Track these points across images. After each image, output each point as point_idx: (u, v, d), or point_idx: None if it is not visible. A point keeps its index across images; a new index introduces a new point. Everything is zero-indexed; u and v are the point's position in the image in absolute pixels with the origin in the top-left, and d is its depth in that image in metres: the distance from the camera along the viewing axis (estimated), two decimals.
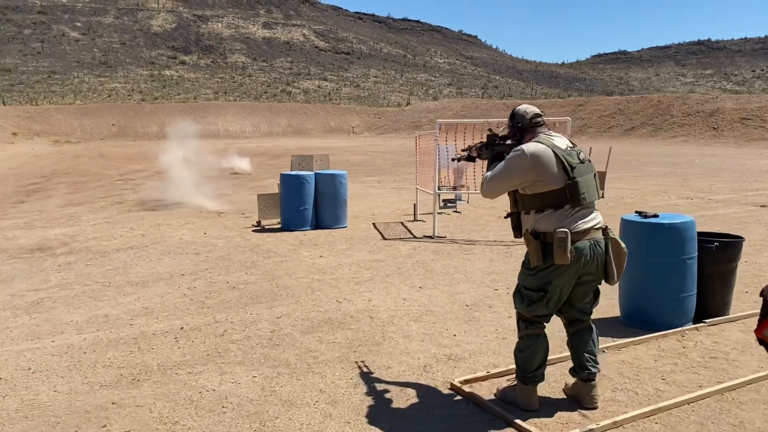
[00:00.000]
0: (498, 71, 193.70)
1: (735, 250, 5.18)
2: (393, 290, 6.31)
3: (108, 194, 16.01)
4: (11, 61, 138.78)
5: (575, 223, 3.39)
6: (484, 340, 4.84)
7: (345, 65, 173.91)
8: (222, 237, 9.46)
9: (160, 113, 67.98)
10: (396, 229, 10.15)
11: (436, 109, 64.38)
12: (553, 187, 3.38)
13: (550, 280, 3.44)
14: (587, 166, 3.47)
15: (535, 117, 3.62)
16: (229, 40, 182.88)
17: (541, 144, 3.43)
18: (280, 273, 7.10)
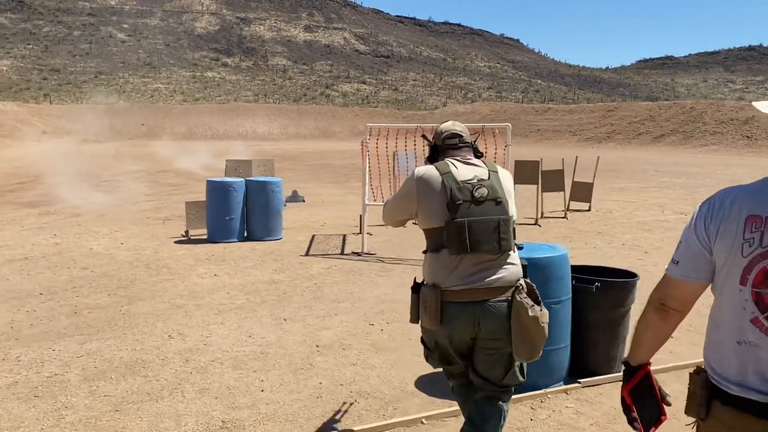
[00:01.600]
0: (540, 75, 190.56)
1: (622, 292, 4.10)
2: (249, 323, 5.38)
3: (79, 196, 15.49)
4: (60, 62, 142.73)
5: (454, 277, 2.69)
6: (291, 400, 3.88)
7: (384, 68, 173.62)
8: (133, 249, 8.69)
9: (190, 114, 68.48)
10: (331, 243, 9.22)
11: (465, 113, 63.03)
12: (434, 224, 2.74)
13: (435, 339, 2.80)
14: (487, 207, 2.71)
15: (450, 138, 2.93)
16: (270, 42, 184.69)
17: (434, 169, 2.80)
18: (146, 296, 6.25)
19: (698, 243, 1.65)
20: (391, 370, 4.35)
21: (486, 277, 2.68)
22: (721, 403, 1.61)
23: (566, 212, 12.10)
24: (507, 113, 56.76)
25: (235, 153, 27.07)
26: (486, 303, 2.66)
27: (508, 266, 2.74)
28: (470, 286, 2.66)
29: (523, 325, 2.63)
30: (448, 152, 2.90)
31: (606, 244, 9.39)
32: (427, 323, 2.72)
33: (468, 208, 2.69)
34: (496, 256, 2.71)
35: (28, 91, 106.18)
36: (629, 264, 7.91)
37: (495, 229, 2.69)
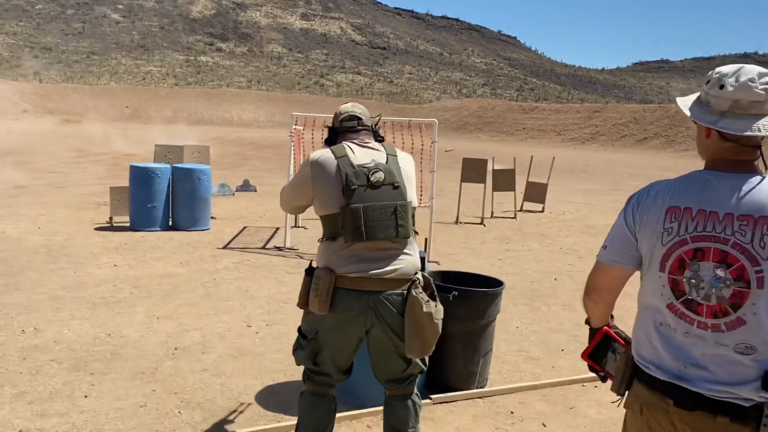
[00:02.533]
0: (535, 74, 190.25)
1: (482, 303, 3.78)
2: (118, 320, 5.04)
3: (30, 176, 15.07)
4: (52, 40, 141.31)
5: (349, 263, 2.57)
6: (110, 408, 3.54)
7: (380, 60, 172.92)
8: (47, 234, 8.32)
9: (175, 98, 67.79)
10: (259, 236, 8.88)
11: (454, 108, 62.74)
12: (328, 211, 2.64)
13: (316, 329, 2.64)
14: (384, 192, 2.61)
15: (348, 120, 2.81)
16: (266, 29, 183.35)
17: (329, 152, 2.68)
18: (27, 285, 5.89)
19: (626, 230, 1.75)
20: (240, 378, 4.03)
21: (383, 267, 2.57)
22: (637, 380, 1.73)
23: (516, 213, 11.80)
24: (495, 110, 56.50)
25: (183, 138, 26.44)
26: (381, 294, 2.56)
27: (405, 257, 2.64)
28: (366, 275, 2.55)
29: (417, 320, 2.54)
30: (346, 135, 2.78)
31: (543, 247, 9.09)
32: (317, 307, 2.56)
33: (364, 193, 2.57)
34: (394, 244, 2.61)
35: (18, 68, 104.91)
36: (557, 268, 7.64)
37: (392, 215, 2.59)
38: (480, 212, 11.24)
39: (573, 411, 3.76)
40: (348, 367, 2.79)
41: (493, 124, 53.50)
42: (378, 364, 2.75)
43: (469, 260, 7.94)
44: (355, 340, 2.67)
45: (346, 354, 2.71)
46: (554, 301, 6.26)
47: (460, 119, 57.99)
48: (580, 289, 6.11)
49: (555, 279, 7.15)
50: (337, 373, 2.74)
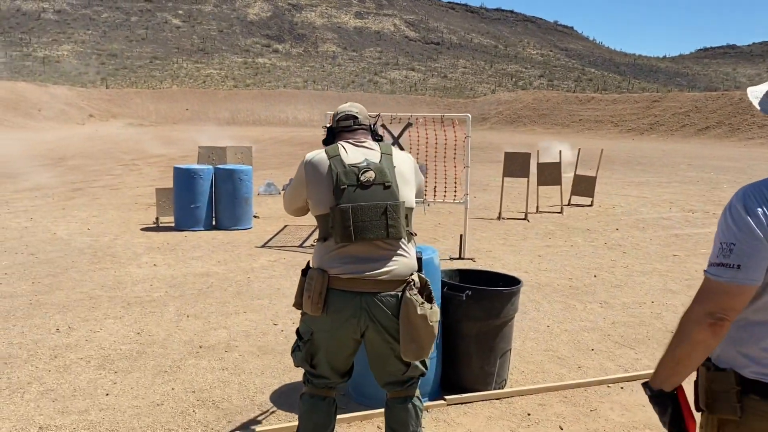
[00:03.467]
0: (593, 64, 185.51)
1: (497, 302, 3.68)
2: (148, 319, 5.16)
3: (87, 178, 15.67)
4: (118, 47, 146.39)
5: (341, 264, 2.55)
6: (129, 406, 3.61)
7: (434, 55, 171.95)
8: (95, 235, 8.61)
9: (233, 99, 69.28)
10: (298, 235, 8.95)
11: (508, 101, 61.84)
12: (321, 211, 2.63)
13: (312, 330, 2.64)
14: (374, 192, 2.56)
15: (343, 119, 2.80)
16: (321, 29, 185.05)
17: (323, 153, 2.68)
18: (68, 285, 6.10)
19: (764, 243, 1.51)
20: (259, 376, 4.06)
21: (376, 269, 2.53)
22: (760, 397, 1.54)
23: (562, 207, 11.51)
24: (550, 102, 55.40)
25: (239, 139, 27.02)
26: (375, 296, 2.52)
27: (399, 258, 2.58)
28: (358, 276, 2.52)
29: (412, 323, 2.49)
30: (342, 135, 2.77)
31: (587, 242, 8.84)
32: (310, 308, 2.55)
33: (353, 193, 2.54)
34: (387, 245, 2.56)
35: (86, 75, 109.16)
36: (598, 264, 7.42)
37: (382, 215, 2.53)
38: (524, 207, 11.02)
39: (594, 413, 3.62)
40: (346, 369, 2.75)
41: (549, 116, 52.46)
42: (376, 366, 2.71)
43: (506, 257, 7.79)
44: (350, 342, 2.62)
45: (343, 356, 2.67)
46: (591, 298, 6.07)
47: (514, 112, 57.13)
48: (620, 286, 5.93)
49: (594, 276, 6.93)
50: (335, 376, 2.71)
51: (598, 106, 51.27)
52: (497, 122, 55.68)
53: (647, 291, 6.37)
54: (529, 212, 10.98)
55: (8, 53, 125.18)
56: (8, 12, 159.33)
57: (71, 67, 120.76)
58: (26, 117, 46.74)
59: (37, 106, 50.94)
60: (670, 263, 7.64)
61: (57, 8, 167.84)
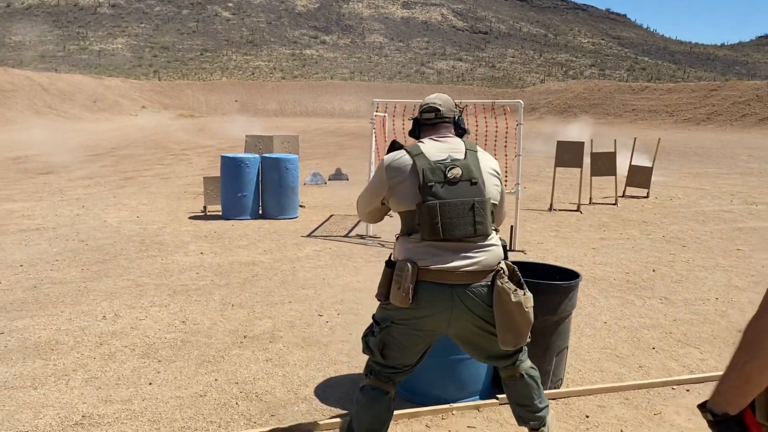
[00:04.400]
0: (647, 52, 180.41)
1: (553, 297, 3.45)
2: (193, 307, 5.11)
3: (139, 168, 15.94)
4: (169, 40, 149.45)
5: (430, 256, 2.51)
6: (171, 396, 3.54)
7: (482, 45, 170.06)
8: (144, 223, 8.67)
9: (281, 91, 69.89)
10: (344, 224, 8.84)
11: (558, 91, 60.57)
12: (405, 207, 2.59)
13: (392, 319, 2.60)
14: (461, 188, 2.54)
15: (426, 112, 2.76)
16: (368, 20, 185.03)
17: (403, 152, 2.65)
18: (116, 272, 6.12)
19: None
20: (303, 368, 3.94)
21: (464, 260, 2.50)
22: None
23: (617, 199, 11.10)
24: (602, 92, 54.03)
25: (285, 129, 27.12)
26: (467, 287, 2.48)
27: (487, 248, 2.55)
28: (447, 267, 2.48)
29: (507, 311, 2.46)
30: (425, 129, 2.77)
31: (644, 235, 8.47)
32: (399, 300, 2.49)
33: (440, 189, 2.51)
34: (473, 242, 2.52)
35: (139, 68, 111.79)
36: (656, 258, 7.07)
37: (469, 211, 2.51)
38: (577, 198, 10.66)
39: (658, 417, 3.38)
40: (414, 362, 2.68)
41: (600, 106, 51.19)
42: (474, 352, 2.72)
43: (559, 249, 7.51)
44: (431, 334, 2.60)
45: (417, 348, 2.63)
46: (650, 294, 5.76)
47: (564, 102, 55.96)
48: (680, 281, 5.60)
49: (653, 270, 6.60)
50: (402, 367, 2.66)
51: (652, 96, 49.75)
52: (546, 112, 54.62)
53: (710, 287, 6.02)
54: (582, 203, 10.62)
55: (66, 47, 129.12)
56: (66, 7, 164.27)
57: (125, 59, 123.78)
58: (82, 108, 48.07)
59: (92, 98, 52.35)
60: (734, 258, 7.24)
61: (112, 3, 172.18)
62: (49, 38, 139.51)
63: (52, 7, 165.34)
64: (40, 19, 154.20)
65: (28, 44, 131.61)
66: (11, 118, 35.53)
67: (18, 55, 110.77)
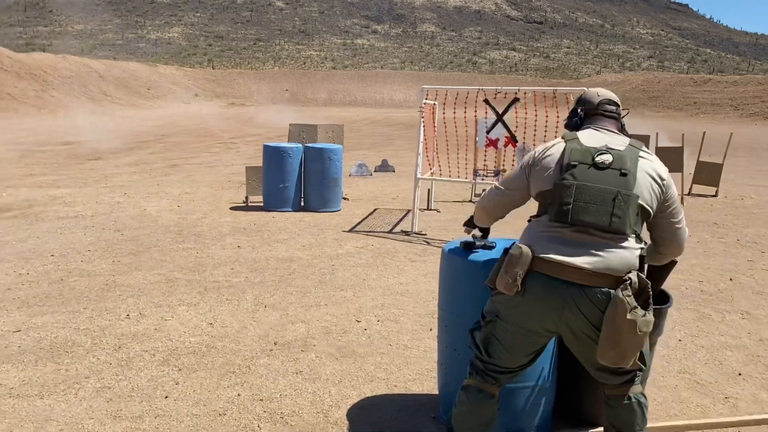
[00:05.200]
0: (709, 44, 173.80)
1: None
2: (224, 307, 4.74)
3: (186, 155, 15.84)
4: (224, 29, 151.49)
5: (550, 245, 2.29)
6: (188, 414, 3.15)
7: (536, 35, 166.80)
8: (184, 212, 8.40)
9: (330, 80, 69.82)
10: (388, 219, 8.39)
11: (615, 83, 58.62)
12: (543, 188, 2.41)
13: (497, 311, 2.40)
14: (608, 175, 2.28)
15: (608, 104, 2.59)
16: (420, 9, 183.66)
17: (559, 139, 2.49)
18: (148, 266, 5.81)
19: None
20: (336, 385, 3.51)
21: (588, 257, 2.22)
22: None
23: (683, 197, 10.32)
24: (661, 84, 52.04)
25: (335, 119, 26.77)
26: (583, 289, 2.21)
27: (617, 249, 2.24)
28: (567, 261, 2.22)
29: (616, 326, 2.17)
30: (596, 119, 2.55)
31: (716, 238, 7.75)
32: (504, 286, 2.30)
33: (585, 171, 2.29)
34: (604, 235, 2.24)
35: (194, 56, 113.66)
36: (733, 265, 6.39)
37: (611, 202, 2.23)
38: None
39: None
40: (524, 363, 2.46)
41: (660, 99, 49.29)
42: (583, 356, 2.42)
43: None
44: (541, 334, 2.36)
45: (525, 348, 2.41)
46: (729, 307, 5.13)
47: (621, 94, 54.06)
48: (763, 292, 4.88)
49: (730, 279, 5.94)
50: (508, 368, 2.45)
51: (715, 89, 47.61)
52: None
53: None
54: None
55: (125, 35, 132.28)
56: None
57: (180, 48, 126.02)
58: (136, 95, 48.89)
59: (146, 85, 53.21)
60: None
61: None
62: (109, 27, 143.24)
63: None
64: (101, 8, 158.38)
65: (90, 32, 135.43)
66: (67, 104, 36.31)
67: (80, 43, 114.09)
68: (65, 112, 32.89)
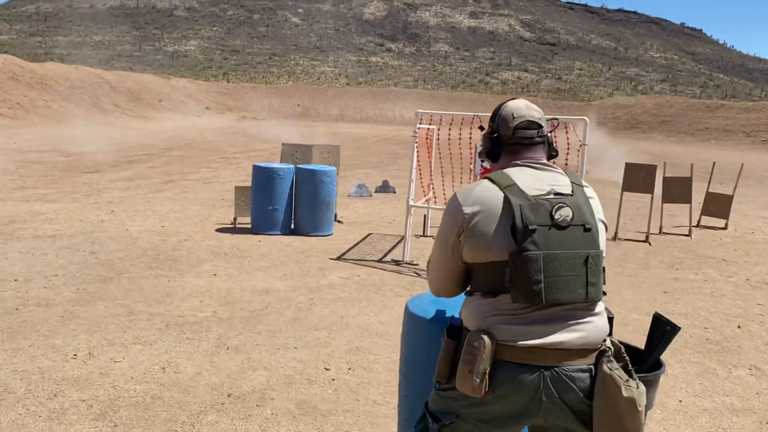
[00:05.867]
0: (722, 69, 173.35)
1: None
2: (182, 348, 4.36)
3: (185, 170, 15.56)
4: (240, 43, 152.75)
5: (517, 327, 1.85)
6: None
7: (549, 56, 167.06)
8: (166, 233, 8.05)
9: (343, 96, 69.85)
10: (380, 246, 8.00)
11: (626, 106, 58.21)
12: (490, 257, 1.89)
13: (456, 412, 1.94)
14: (572, 235, 1.87)
15: (524, 127, 2.02)
16: (434, 28, 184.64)
17: (487, 183, 1.95)
18: (113, 295, 5.45)
19: None
20: None
21: (562, 333, 1.86)
22: None
23: (691, 229, 9.88)
24: (673, 108, 51.57)
25: (337, 137, 26.51)
26: (560, 370, 1.84)
27: (593, 319, 1.90)
28: (539, 343, 1.83)
29: (613, 407, 1.82)
30: (518, 150, 2.02)
31: (724, 277, 7.31)
32: (469, 388, 1.84)
33: (547, 235, 1.85)
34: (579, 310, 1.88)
35: (210, 69, 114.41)
36: (741, 309, 5.95)
37: (582, 267, 1.86)
38: (645, 227, 9.50)
39: None
40: None
41: (671, 123, 48.77)
42: None
43: (624, 291, 6.45)
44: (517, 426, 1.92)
45: None
46: (736, 360, 4.69)
47: (632, 117, 53.66)
48: None
49: (738, 326, 5.50)
50: None
51: (728, 114, 47.05)
52: (614, 127, 52.47)
53: None
54: (652, 233, 9.46)
55: (142, 47, 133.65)
56: (144, 9, 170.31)
57: (196, 61, 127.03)
58: (147, 107, 48.95)
59: (158, 97, 53.33)
60: None
61: (187, 6, 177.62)
62: (127, 38, 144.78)
63: (131, 9, 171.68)
64: (120, 20, 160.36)
65: (108, 43, 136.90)
66: (76, 114, 36.29)
67: (97, 54, 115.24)
68: (73, 122, 32.85)
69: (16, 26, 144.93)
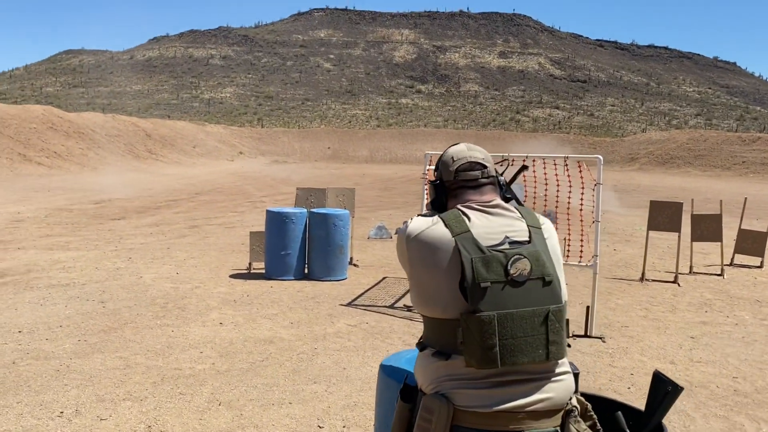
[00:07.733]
0: (760, 101, 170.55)
1: None
2: (172, 405, 4.19)
3: (211, 215, 15.65)
4: (274, 89, 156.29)
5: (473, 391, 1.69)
6: None
7: (580, 93, 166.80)
8: (180, 281, 7.98)
9: (372, 138, 70.47)
10: (394, 290, 7.80)
11: (660, 141, 57.32)
12: (439, 314, 1.75)
13: None
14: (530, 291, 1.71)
15: (466, 170, 1.91)
16: (464, 69, 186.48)
17: (438, 224, 1.79)
18: (114, 347, 5.34)
19: None
20: None
21: (525, 396, 1.70)
22: None
23: (723, 268, 9.44)
24: (708, 142, 50.61)
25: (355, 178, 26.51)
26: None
27: (559, 377, 1.76)
28: (500, 408, 1.67)
29: None
30: (464, 193, 1.88)
31: (758, 320, 6.90)
32: None
33: (500, 293, 1.68)
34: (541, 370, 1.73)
35: (245, 115, 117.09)
36: None
37: (541, 326, 1.70)
38: (674, 266, 9.11)
39: None
40: None
41: (706, 158, 47.80)
42: None
43: (648, 337, 6.11)
44: None
45: None
46: (767, 415, 4.33)
47: (666, 152, 52.79)
48: None
49: None
50: None
51: (765, 147, 45.96)
52: (647, 163, 51.68)
53: None
54: (681, 272, 9.07)
55: (180, 95, 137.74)
56: (182, 59, 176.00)
57: (232, 107, 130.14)
58: (181, 153, 49.98)
59: (192, 143, 54.48)
60: None
61: (223, 54, 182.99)
62: (165, 87, 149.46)
63: (170, 59, 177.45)
64: (158, 70, 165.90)
65: (146, 92, 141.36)
66: (111, 162, 37.18)
67: (136, 103, 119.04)
68: (107, 169, 33.63)
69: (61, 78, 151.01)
